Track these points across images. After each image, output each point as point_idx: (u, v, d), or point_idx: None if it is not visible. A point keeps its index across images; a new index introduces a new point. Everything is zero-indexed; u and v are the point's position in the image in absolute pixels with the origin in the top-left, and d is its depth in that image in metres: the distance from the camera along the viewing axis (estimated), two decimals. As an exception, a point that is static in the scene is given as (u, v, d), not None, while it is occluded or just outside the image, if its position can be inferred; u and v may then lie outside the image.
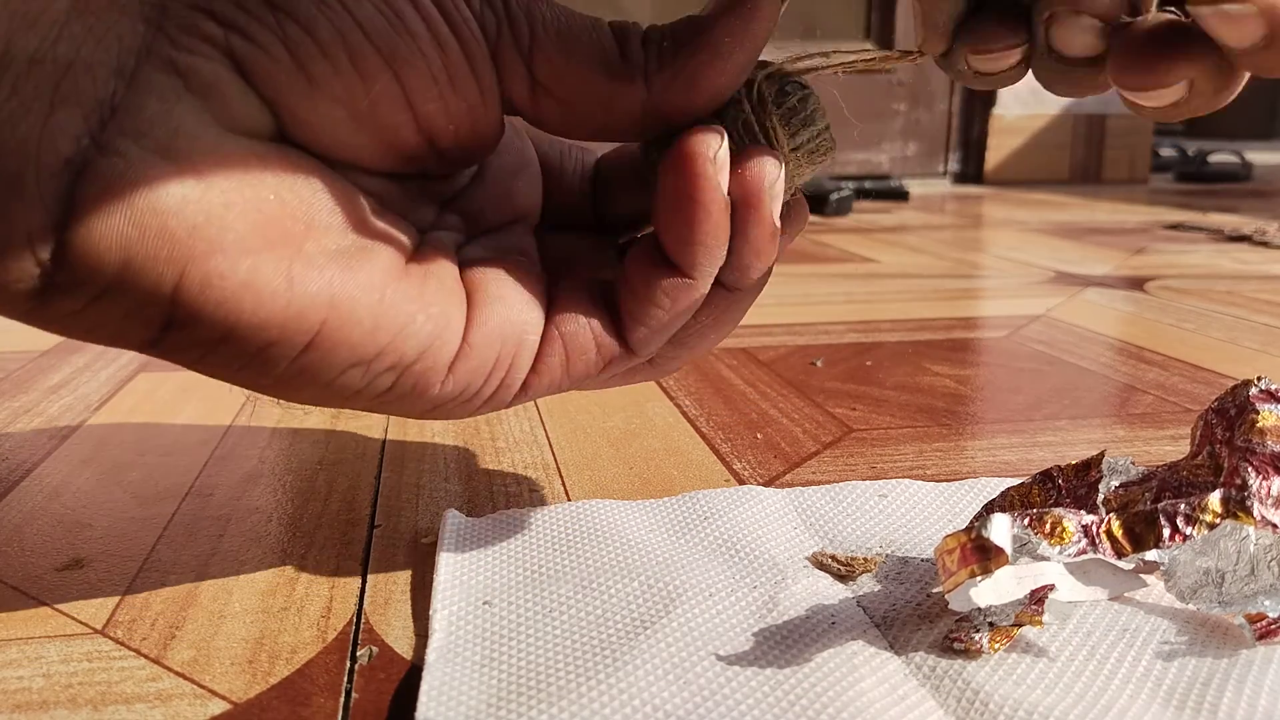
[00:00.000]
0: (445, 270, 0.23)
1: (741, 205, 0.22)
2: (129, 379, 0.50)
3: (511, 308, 0.23)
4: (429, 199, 0.25)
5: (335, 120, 0.20)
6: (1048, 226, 1.16)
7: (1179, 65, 0.20)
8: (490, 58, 0.21)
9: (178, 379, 0.50)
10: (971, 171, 1.77)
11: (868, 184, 1.47)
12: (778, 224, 0.23)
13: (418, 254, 0.23)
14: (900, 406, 0.44)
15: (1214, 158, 1.92)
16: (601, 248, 0.27)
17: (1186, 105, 0.21)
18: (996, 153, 1.75)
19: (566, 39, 0.22)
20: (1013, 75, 0.22)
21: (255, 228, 0.20)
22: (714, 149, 0.22)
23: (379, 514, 0.32)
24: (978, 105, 1.75)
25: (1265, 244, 0.99)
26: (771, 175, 0.22)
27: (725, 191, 0.22)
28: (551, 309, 0.24)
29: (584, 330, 0.24)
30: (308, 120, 0.20)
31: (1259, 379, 0.25)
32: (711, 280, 0.23)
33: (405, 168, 0.23)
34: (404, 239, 0.23)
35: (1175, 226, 1.15)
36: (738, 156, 0.22)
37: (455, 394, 0.23)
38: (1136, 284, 0.77)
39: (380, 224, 0.22)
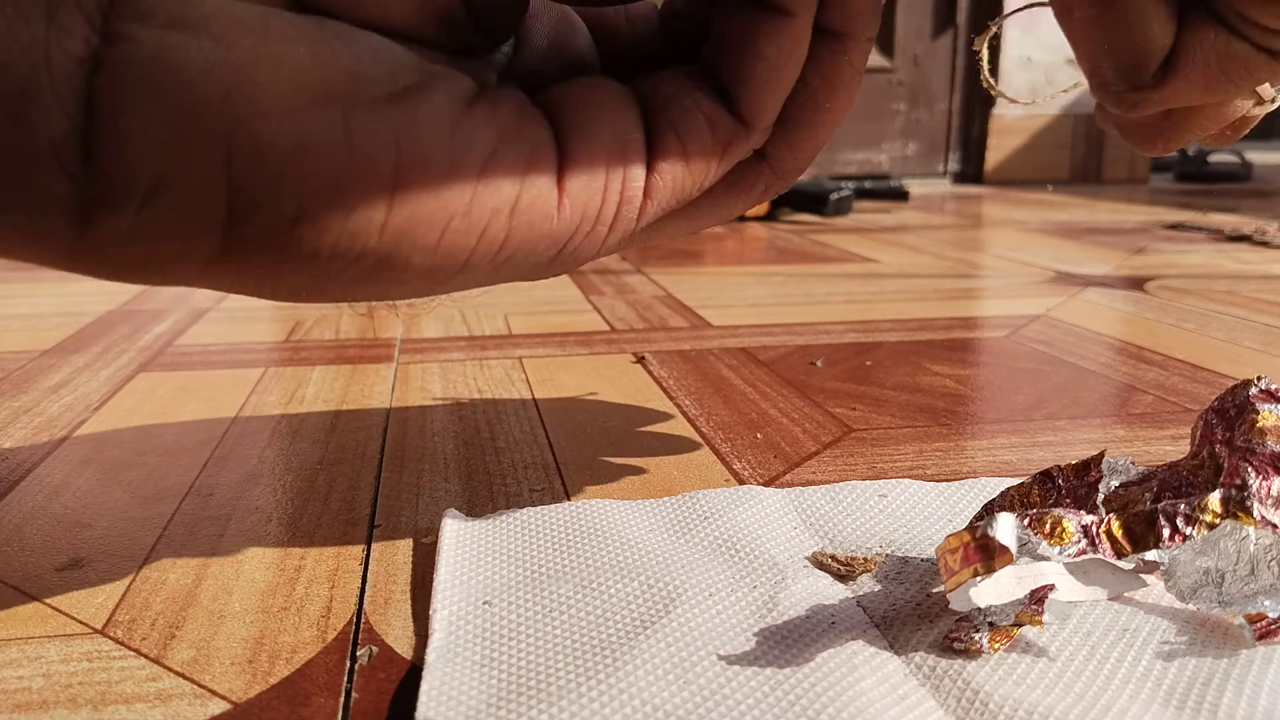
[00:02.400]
0: (514, 97, 0.21)
1: None
2: (129, 379, 0.50)
3: (604, 108, 0.21)
4: (480, 69, 0.22)
5: None
6: (1048, 226, 1.16)
7: None
8: None
9: (178, 379, 0.50)
10: (971, 171, 1.77)
11: (868, 184, 1.47)
12: None
13: (482, 95, 0.21)
14: (900, 406, 0.44)
15: (1214, 158, 1.92)
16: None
17: None
18: (996, 153, 1.75)
19: None
20: None
21: (292, 82, 0.18)
22: None
23: (379, 514, 0.32)
24: (978, 105, 1.75)
25: (1265, 244, 0.99)
26: None
27: None
28: (650, 102, 0.22)
29: (692, 110, 0.22)
30: None
31: (1259, 379, 0.25)
32: (812, 15, 0.21)
33: (442, 34, 0.21)
34: (463, 79, 0.20)
35: (1175, 226, 1.15)
36: None
37: (576, 222, 0.21)
38: (1136, 284, 0.77)
39: (432, 67, 0.20)
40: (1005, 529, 0.21)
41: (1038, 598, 0.22)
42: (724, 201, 0.25)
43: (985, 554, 0.21)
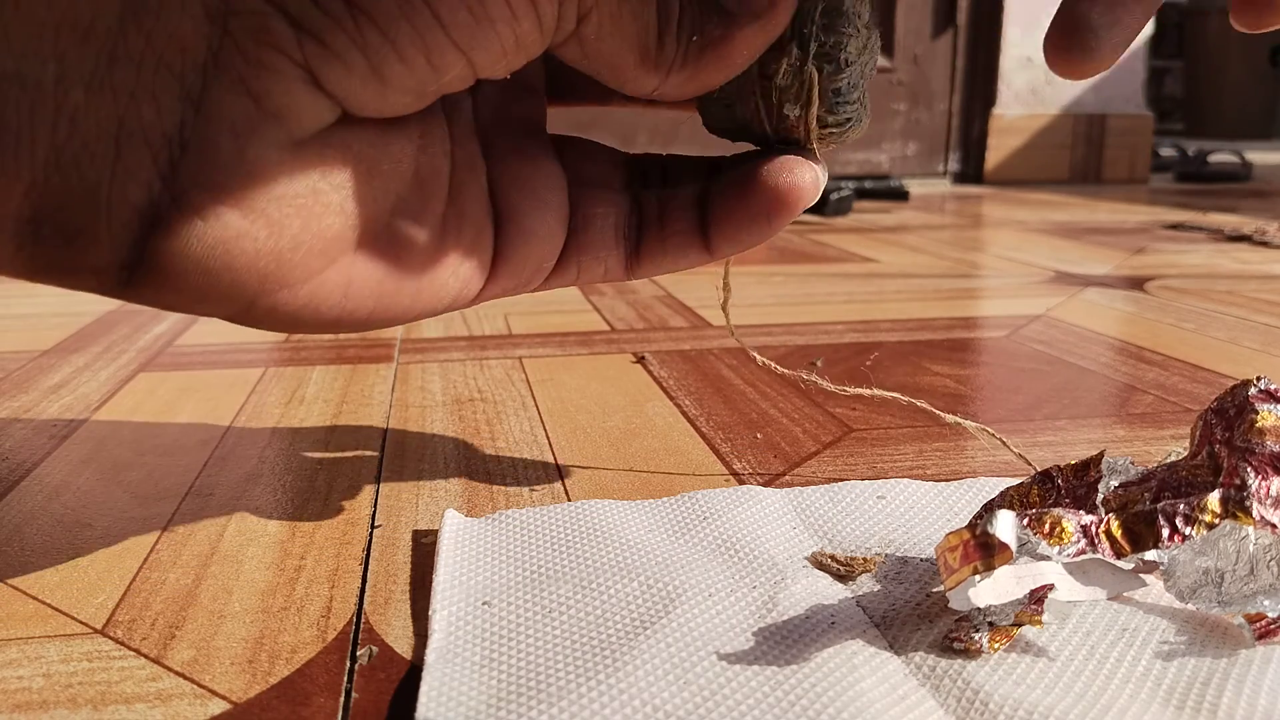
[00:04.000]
0: (476, 206, 0.24)
1: (778, 208, 0.26)
2: (129, 379, 0.50)
3: (534, 244, 0.25)
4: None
5: (402, 105, 0.21)
6: (1048, 226, 1.16)
7: None
8: (557, 12, 0.21)
9: (178, 379, 0.50)
10: (971, 171, 1.77)
11: (868, 184, 1.47)
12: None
13: (453, 192, 0.24)
14: (900, 407, 0.44)
15: (1214, 158, 1.92)
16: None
17: None
18: (996, 153, 1.75)
19: (622, 9, 0.21)
20: None
21: (318, 255, 0.21)
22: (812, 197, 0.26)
23: (379, 514, 0.32)
24: (978, 105, 1.75)
25: (1265, 244, 0.99)
26: (810, 193, 0.26)
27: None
28: (575, 225, 0.26)
29: (599, 259, 0.27)
30: (375, 109, 0.20)
31: (1258, 379, 0.25)
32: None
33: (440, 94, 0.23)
34: (443, 191, 0.24)
35: (1175, 226, 1.15)
36: (785, 165, 0.25)
37: (478, 301, 0.26)
38: (1136, 284, 0.77)
39: (422, 193, 0.23)
40: (1005, 526, 0.21)
41: (1037, 597, 0.22)
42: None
43: (985, 551, 0.21)
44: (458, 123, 0.24)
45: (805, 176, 0.25)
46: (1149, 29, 1.76)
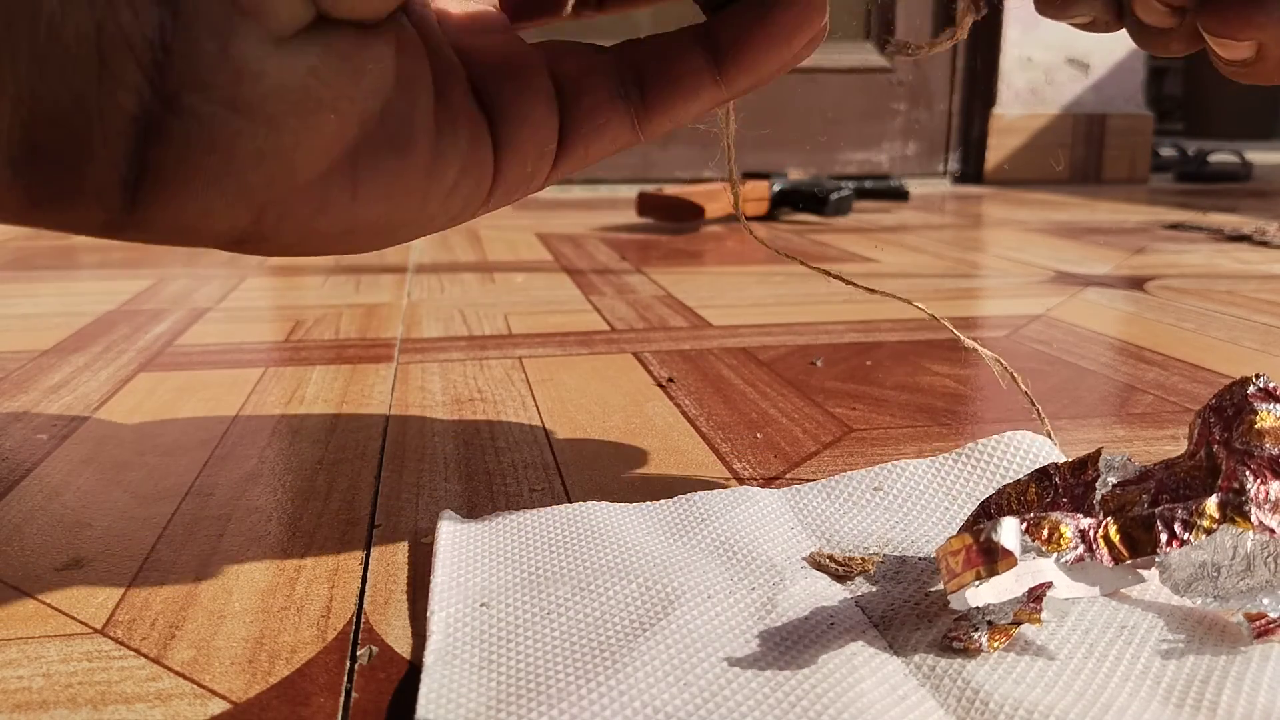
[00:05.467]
0: (463, 103, 0.24)
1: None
2: (129, 378, 0.50)
3: (535, 127, 0.25)
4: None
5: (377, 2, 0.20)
6: (1048, 226, 1.16)
7: (1250, 27, 0.23)
8: None
9: (178, 379, 0.50)
10: (971, 171, 1.77)
11: (868, 184, 1.47)
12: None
13: (438, 93, 0.24)
14: (900, 406, 0.44)
15: (1214, 158, 1.92)
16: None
17: (1258, 67, 0.24)
18: (996, 153, 1.75)
19: None
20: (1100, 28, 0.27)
21: (322, 154, 0.20)
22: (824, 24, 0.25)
23: (379, 514, 0.32)
24: (978, 105, 1.75)
25: (1265, 244, 0.99)
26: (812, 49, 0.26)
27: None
28: (570, 104, 0.25)
29: (603, 126, 0.26)
30: (348, 7, 0.20)
31: (1256, 376, 0.25)
32: (731, 98, 0.26)
33: None
34: (429, 90, 0.23)
35: (1175, 226, 1.15)
36: None
37: (497, 200, 0.25)
38: (1136, 284, 0.77)
39: (408, 95, 0.23)
40: (1009, 533, 0.21)
41: (1035, 595, 0.22)
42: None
43: (988, 558, 0.21)
44: (429, 34, 0.25)
45: None
46: (1149, 29, 1.76)
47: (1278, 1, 0.22)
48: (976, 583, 0.21)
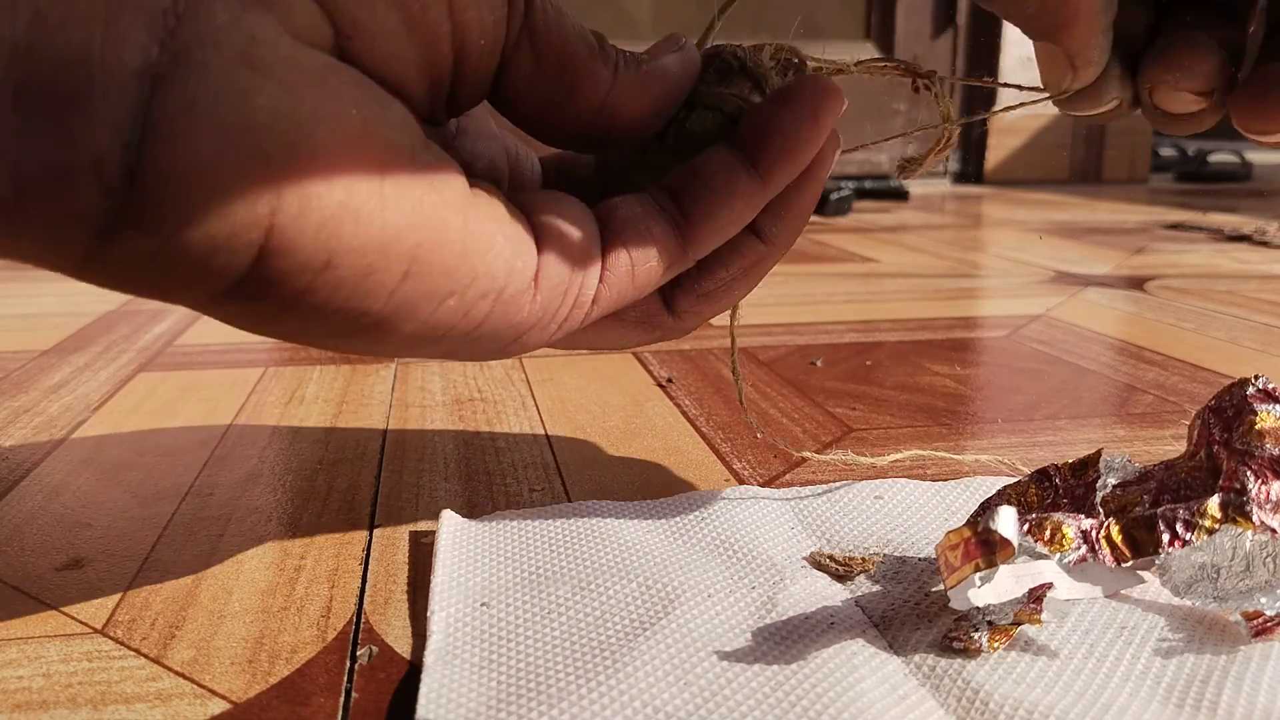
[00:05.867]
0: (501, 194, 0.23)
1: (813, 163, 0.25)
2: (129, 379, 0.50)
3: (571, 223, 0.23)
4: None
5: (390, 27, 0.20)
6: (1048, 226, 1.16)
7: None
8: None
9: (178, 379, 0.50)
10: (971, 171, 1.77)
11: (868, 184, 1.47)
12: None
13: (473, 182, 0.22)
14: (900, 406, 0.44)
15: (1214, 157, 1.92)
16: None
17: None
18: (996, 153, 1.75)
19: (562, 13, 0.23)
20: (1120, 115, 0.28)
21: (345, 144, 0.19)
22: (839, 101, 0.25)
23: (379, 514, 0.32)
24: (978, 105, 1.75)
25: (1265, 244, 0.99)
26: (832, 141, 0.25)
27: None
28: (607, 220, 0.24)
29: (645, 235, 0.24)
30: (366, 26, 0.19)
31: (1256, 377, 0.25)
32: (769, 198, 0.25)
33: (427, 100, 0.22)
34: (459, 166, 0.22)
35: (1175, 226, 1.15)
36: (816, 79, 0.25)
37: (539, 315, 0.23)
38: (1136, 284, 0.77)
39: (436, 148, 0.22)
40: (1006, 522, 0.21)
41: (1036, 596, 0.22)
42: (628, 331, 0.27)
43: (987, 549, 0.21)
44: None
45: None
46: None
47: None
48: (976, 575, 0.21)
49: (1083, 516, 0.23)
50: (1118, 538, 0.23)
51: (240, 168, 0.17)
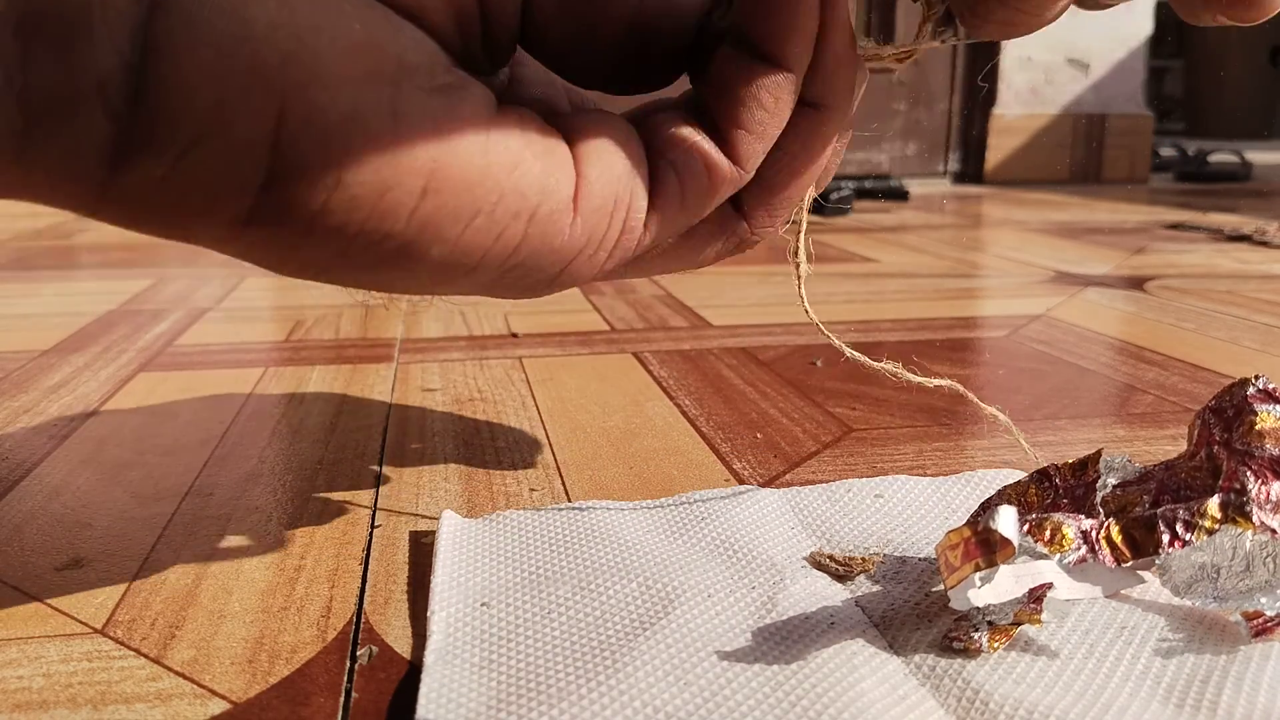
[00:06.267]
0: (534, 116, 0.22)
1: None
2: (129, 379, 0.50)
3: (616, 140, 0.22)
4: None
5: None
6: (1048, 226, 1.16)
7: None
8: None
9: (178, 379, 0.50)
10: (971, 171, 1.77)
11: (868, 183, 1.47)
12: (854, 31, 0.23)
13: (503, 106, 0.21)
14: (900, 406, 0.44)
15: (1214, 157, 1.92)
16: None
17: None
18: (996, 153, 1.75)
19: None
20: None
21: (349, 55, 0.18)
22: None
23: (379, 514, 0.32)
24: (978, 105, 1.75)
25: (1265, 244, 0.99)
26: None
27: None
28: (652, 140, 0.23)
29: (692, 153, 0.23)
30: None
31: (1256, 378, 0.25)
32: (803, 73, 0.23)
33: (457, 34, 0.21)
34: (488, 89, 0.21)
35: (1175, 226, 1.15)
36: None
37: (584, 241, 0.22)
38: (1136, 284, 0.77)
39: (461, 71, 0.21)
40: (1006, 522, 0.21)
41: (1036, 596, 0.22)
42: (702, 247, 0.26)
43: (987, 548, 0.21)
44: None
45: None
46: (1149, 28, 1.76)
47: None
48: (976, 575, 0.21)
49: (1083, 517, 0.23)
50: (1118, 538, 0.23)
51: (240, 81, 0.17)
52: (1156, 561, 0.23)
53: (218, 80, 0.17)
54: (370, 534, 0.31)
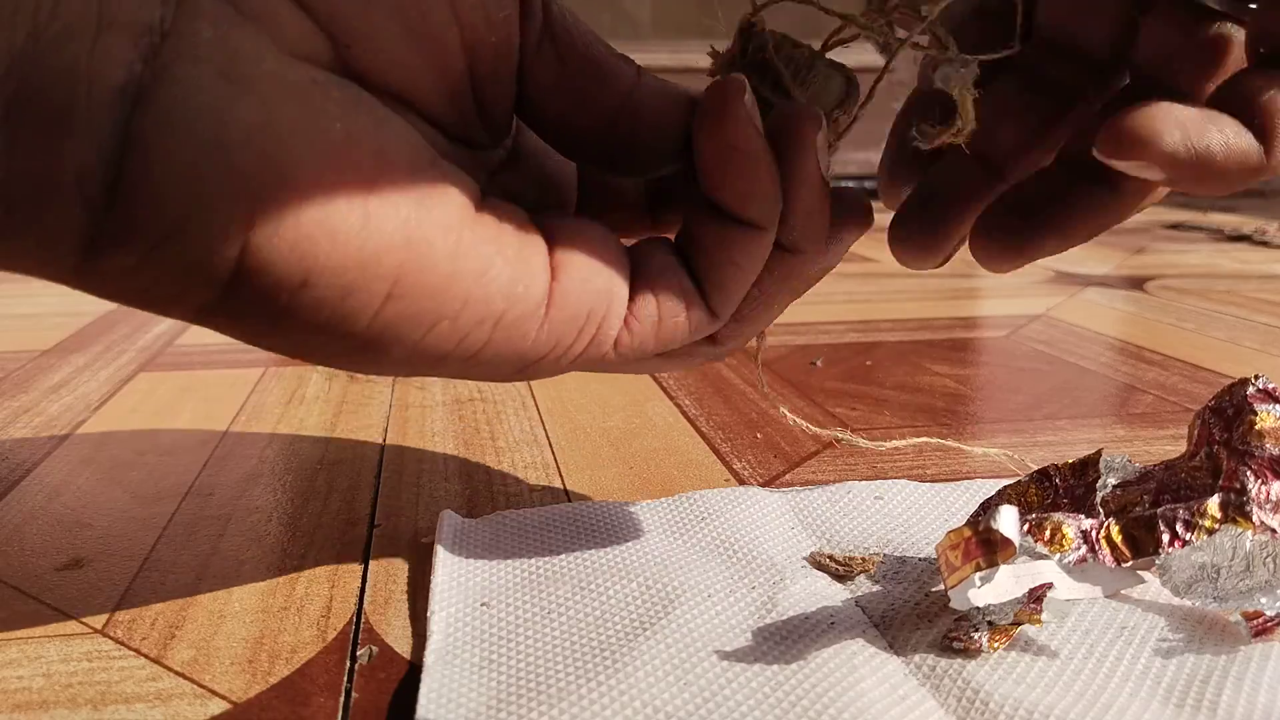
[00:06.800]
0: (518, 216, 0.22)
1: (783, 159, 0.22)
2: (129, 379, 0.50)
3: (598, 256, 0.22)
4: (476, 168, 0.23)
5: (390, 35, 0.19)
6: (1048, 226, 1.16)
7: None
8: None
9: (178, 379, 0.50)
10: (971, 171, 1.77)
11: (868, 184, 1.47)
12: (825, 177, 0.23)
13: (486, 203, 0.21)
14: (900, 406, 0.44)
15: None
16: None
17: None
18: (996, 153, 1.74)
19: (575, 15, 0.22)
20: None
21: (325, 159, 0.18)
22: (742, 91, 0.22)
23: (379, 514, 0.32)
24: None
25: (1265, 244, 0.99)
26: (806, 125, 0.22)
27: (762, 133, 0.22)
28: (639, 264, 0.23)
29: (676, 289, 0.23)
30: (364, 35, 0.19)
31: (1256, 377, 0.25)
32: (775, 225, 0.23)
33: (451, 111, 0.22)
34: (471, 184, 0.21)
35: (1175, 226, 1.15)
36: (766, 116, 0.22)
37: (549, 346, 0.22)
38: (1136, 284, 0.77)
39: (446, 165, 0.21)
40: (1007, 521, 0.21)
41: (1036, 596, 0.22)
42: (667, 361, 0.26)
43: (987, 548, 0.21)
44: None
45: None
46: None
47: None
48: (977, 575, 0.21)
49: (1083, 516, 0.23)
50: (1118, 538, 0.23)
51: (214, 184, 0.18)
52: (1156, 561, 0.23)
53: (193, 181, 0.17)
54: (370, 534, 0.31)
